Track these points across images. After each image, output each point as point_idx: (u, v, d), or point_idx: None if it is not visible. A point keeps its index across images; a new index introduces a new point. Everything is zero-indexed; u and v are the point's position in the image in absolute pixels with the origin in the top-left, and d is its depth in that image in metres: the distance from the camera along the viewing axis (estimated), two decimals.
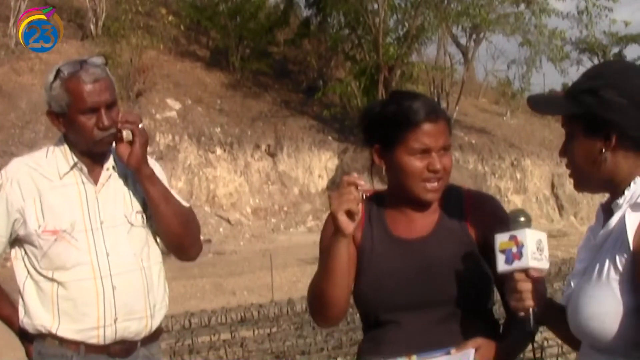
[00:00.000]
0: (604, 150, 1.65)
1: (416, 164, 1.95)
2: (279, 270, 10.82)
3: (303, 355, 6.67)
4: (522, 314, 1.75)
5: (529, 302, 1.75)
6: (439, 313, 1.94)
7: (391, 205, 2.06)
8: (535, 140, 22.67)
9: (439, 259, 1.96)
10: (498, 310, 2.14)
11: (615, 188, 1.68)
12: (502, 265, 1.77)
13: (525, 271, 1.75)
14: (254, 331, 7.73)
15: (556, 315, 1.82)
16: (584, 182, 1.73)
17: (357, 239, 2.05)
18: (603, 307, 1.59)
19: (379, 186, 2.12)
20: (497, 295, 2.05)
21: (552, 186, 21.45)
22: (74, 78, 2.34)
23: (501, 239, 1.78)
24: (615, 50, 28.38)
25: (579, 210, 21.12)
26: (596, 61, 28.15)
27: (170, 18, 18.58)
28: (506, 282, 1.79)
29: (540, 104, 1.82)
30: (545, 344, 5.47)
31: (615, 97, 1.62)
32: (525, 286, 1.75)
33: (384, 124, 1.99)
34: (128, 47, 16.49)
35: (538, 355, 5.93)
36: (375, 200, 2.10)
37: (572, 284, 1.73)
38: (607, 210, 1.72)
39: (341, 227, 1.86)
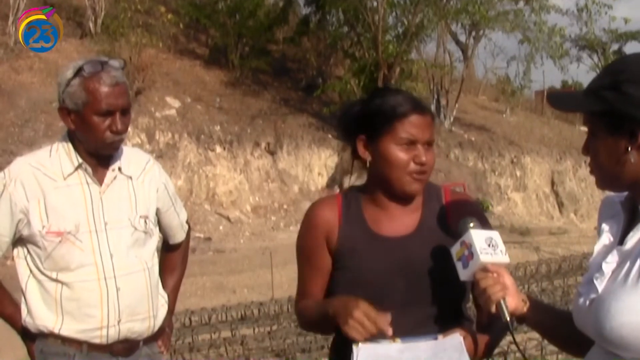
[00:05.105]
0: (629, 149, 1.56)
1: (402, 155, 1.94)
2: (279, 268, 10.80)
3: (303, 353, 6.66)
4: (494, 309, 1.76)
5: (497, 295, 1.75)
6: (417, 314, 1.93)
7: (370, 201, 2.04)
8: (534, 137, 22.64)
9: (420, 259, 1.95)
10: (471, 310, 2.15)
11: None
12: (462, 272, 1.82)
13: (484, 269, 1.78)
14: (254, 329, 7.72)
15: (541, 313, 1.81)
16: (607, 181, 1.65)
17: (333, 241, 2.02)
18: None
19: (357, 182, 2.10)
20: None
21: (552, 183, 21.45)
22: (95, 78, 2.32)
23: (455, 250, 1.84)
24: (615, 47, 28.38)
25: (578, 208, 21.11)
26: (596, 58, 28.18)
27: (169, 16, 18.57)
28: (474, 288, 1.82)
29: (561, 101, 1.75)
30: (546, 341, 5.47)
31: (639, 92, 1.54)
32: (488, 282, 1.76)
33: (370, 115, 1.98)
34: (127, 45, 16.48)
35: (538, 352, 5.94)
36: (352, 195, 2.07)
37: (597, 286, 1.61)
38: (630, 210, 1.64)
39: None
